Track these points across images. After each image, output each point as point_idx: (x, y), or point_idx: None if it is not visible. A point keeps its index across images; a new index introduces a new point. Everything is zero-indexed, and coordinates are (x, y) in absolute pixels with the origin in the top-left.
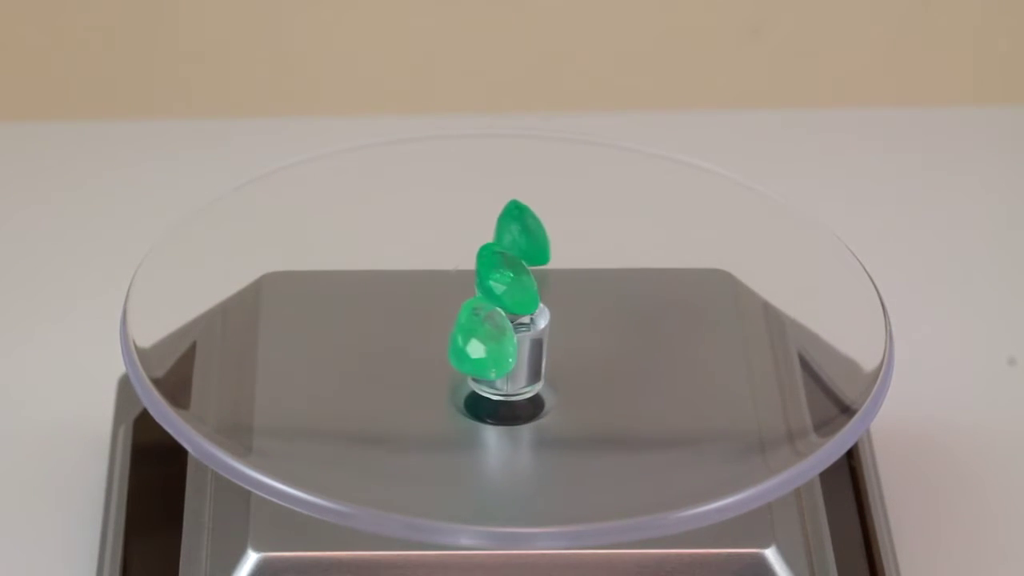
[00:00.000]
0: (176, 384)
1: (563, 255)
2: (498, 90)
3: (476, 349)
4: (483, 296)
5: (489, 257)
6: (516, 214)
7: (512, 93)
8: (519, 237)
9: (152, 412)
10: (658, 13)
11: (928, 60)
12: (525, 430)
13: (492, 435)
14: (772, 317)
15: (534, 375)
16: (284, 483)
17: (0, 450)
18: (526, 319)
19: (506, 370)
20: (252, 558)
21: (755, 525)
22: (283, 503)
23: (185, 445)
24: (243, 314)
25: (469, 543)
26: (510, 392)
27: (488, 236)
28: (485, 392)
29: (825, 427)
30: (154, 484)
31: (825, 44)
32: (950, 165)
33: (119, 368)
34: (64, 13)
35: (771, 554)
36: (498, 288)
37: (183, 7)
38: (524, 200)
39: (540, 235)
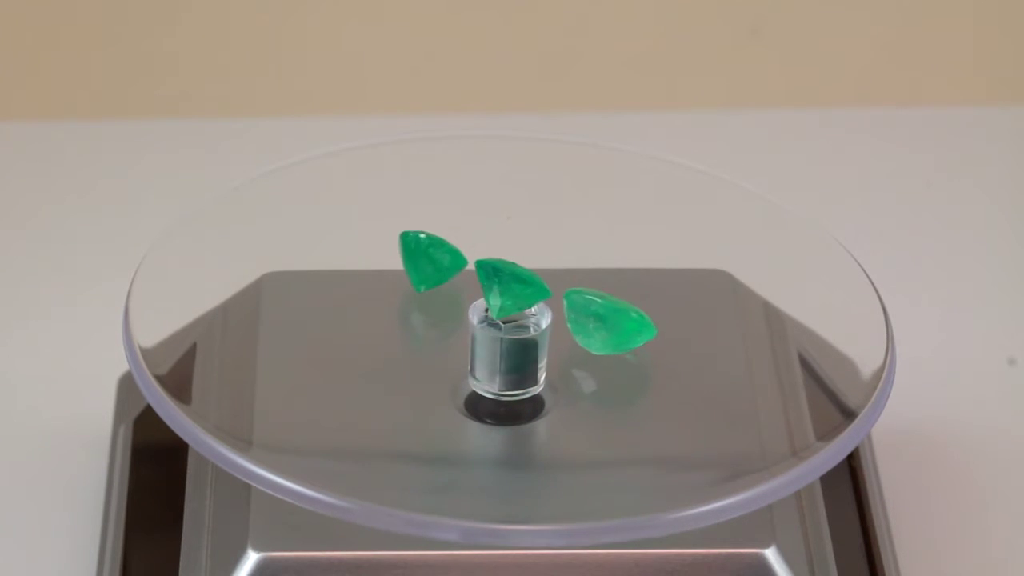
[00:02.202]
0: (177, 383)
1: (564, 255)
2: (498, 90)
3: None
4: (498, 307)
5: (484, 270)
6: (424, 239)
7: (512, 93)
8: (447, 252)
9: (155, 407)
10: (658, 13)
11: (928, 60)
12: (525, 430)
13: (492, 435)
14: (772, 317)
15: (535, 375)
16: (285, 478)
17: (0, 450)
18: (526, 320)
19: None
20: (252, 558)
21: (755, 525)
22: (284, 498)
23: (188, 440)
24: (243, 314)
25: (466, 539)
26: (511, 392)
27: (487, 235)
28: (486, 392)
29: (826, 429)
30: (154, 484)
31: (825, 44)
32: (950, 165)
33: (119, 368)
34: (64, 13)
35: (771, 554)
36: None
37: (183, 7)
38: (525, 200)
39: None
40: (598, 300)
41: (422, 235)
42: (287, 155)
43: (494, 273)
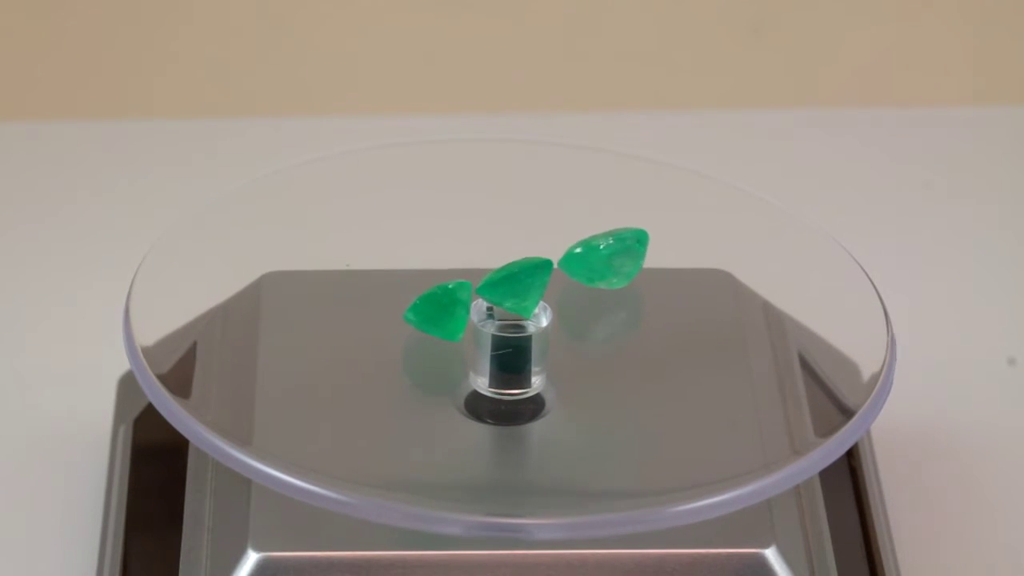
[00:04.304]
0: (178, 383)
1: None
2: (498, 90)
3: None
4: (526, 306)
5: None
6: (448, 290)
7: (511, 93)
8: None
9: (156, 405)
10: (658, 13)
11: (928, 60)
12: (525, 429)
13: (492, 434)
14: (772, 317)
15: (536, 374)
16: (286, 473)
17: (0, 450)
18: (527, 319)
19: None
20: (252, 558)
21: (755, 525)
22: (285, 493)
23: (189, 437)
24: (243, 314)
25: (468, 533)
26: (511, 391)
27: (485, 236)
28: (487, 391)
29: (826, 427)
30: (154, 484)
31: (825, 44)
32: (950, 165)
33: (119, 368)
34: (64, 13)
35: (771, 554)
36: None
37: (183, 7)
38: (524, 201)
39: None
40: (599, 243)
41: (440, 290)
42: (287, 155)
43: (498, 286)
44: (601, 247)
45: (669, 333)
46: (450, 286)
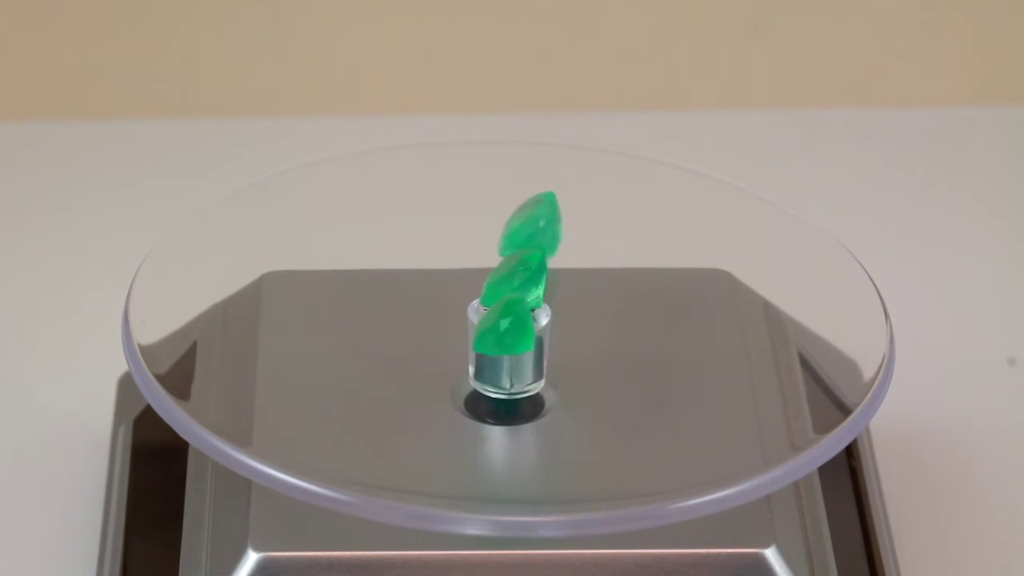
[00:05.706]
0: (177, 382)
1: (564, 256)
2: (497, 90)
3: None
4: (536, 296)
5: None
6: (520, 301)
7: (511, 93)
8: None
9: (154, 406)
10: (658, 13)
11: (928, 60)
12: (525, 429)
13: (492, 434)
14: (772, 317)
15: (535, 374)
16: (286, 472)
17: (0, 450)
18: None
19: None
20: (252, 558)
21: (755, 525)
22: (285, 492)
23: (187, 438)
24: (243, 314)
25: (467, 531)
26: (511, 391)
27: (485, 236)
28: (486, 391)
29: (825, 424)
30: (154, 484)
31: (825, 44)
32: (950, 165)
33: (119, 368)
34: (64, 13)
35: (771, 554)
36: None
37: (183, 6)
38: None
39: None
40: (537, 220)
41: (515, 301)
42: (288, 155)
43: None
44: (542, 224)
45: (669, 333)
46: (519, 296)
